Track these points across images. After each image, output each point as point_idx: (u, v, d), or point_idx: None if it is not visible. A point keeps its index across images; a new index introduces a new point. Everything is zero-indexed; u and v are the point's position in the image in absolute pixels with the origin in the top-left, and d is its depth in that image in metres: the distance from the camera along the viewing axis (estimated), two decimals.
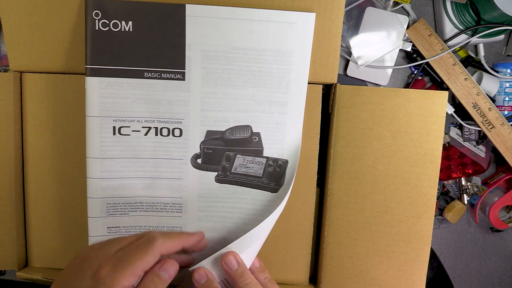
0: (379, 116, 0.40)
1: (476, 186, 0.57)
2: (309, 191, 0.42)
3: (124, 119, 0.39)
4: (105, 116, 0.38)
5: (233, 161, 0.40)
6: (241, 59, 0.38)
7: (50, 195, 0.42)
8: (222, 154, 0.40)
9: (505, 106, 0.54)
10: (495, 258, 0.61)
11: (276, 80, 0.39)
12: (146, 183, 0.40)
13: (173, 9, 0.37)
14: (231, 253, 0.35)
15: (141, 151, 0.39)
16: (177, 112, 0.39)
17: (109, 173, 0.39)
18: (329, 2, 0.39)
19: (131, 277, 0.30)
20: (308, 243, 0.42)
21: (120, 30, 0.37)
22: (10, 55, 0.39)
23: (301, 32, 0.38)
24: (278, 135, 0.40)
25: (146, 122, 0.39)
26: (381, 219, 0.41)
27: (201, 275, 0.35)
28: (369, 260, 0.41)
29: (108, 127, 0.38)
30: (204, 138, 0.40)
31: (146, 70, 0.38)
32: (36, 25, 0.39)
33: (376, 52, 0.52)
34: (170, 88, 0.39)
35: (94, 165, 0.39)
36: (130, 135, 0.39)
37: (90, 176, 0.39)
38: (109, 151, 0.39)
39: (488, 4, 0.47)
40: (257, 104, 0.39)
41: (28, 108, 0.41)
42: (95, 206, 0.39)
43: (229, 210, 0.40)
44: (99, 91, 0.38)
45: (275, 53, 0.38)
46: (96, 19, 0.37)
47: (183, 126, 0.39)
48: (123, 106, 0.38)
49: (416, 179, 0.40)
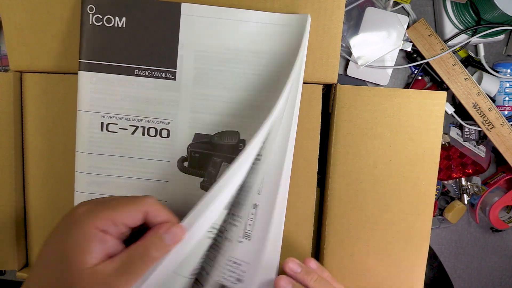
0: (379, 116, 0.40)
1: (476, 186, 0.57)
2: (309, 191, 0.42)
3: (112, 115, 0.38)
4: (94, 111, 0.38)
5: (218, 169, 0.39)
6: (234, 61, 0.38)
7: (50, 195, 0.42)
8: (209, 158, 0.39)
9: (505, 106, 0.54)
10: (495, 258, 0.61)
11: (269, 83, 0.38)
12: (131, 183, 0.39)
13: (168, 7, 0.37)
14: (291, 259, 0.37)
15: (128, 150, 0.38)
16: (166, 113, 0.38)
17: (96, 168, 0.38)
18: (329, 2, 0.39)
19: (106, 221, 0.28)
20: (309, 243, 0.42)
21: (113, 25, 0.37)
22: (10, 55, 0.39)
23: (296, 35, 0.37)
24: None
25: (134, 121, 0.38)
26: (381, 218, 0.41)
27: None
28: (370, 258, 0.41)
29: (96, 122, 0.38)
30: (192, 141, 0.39)
31: (137, 67, 0.37)
32: (36, 25, 0.39)
33: (376, 52, 0.52)
34: (160, 88, 0.38)
35: (82, 159, 0.38)
36: (117, 133, 0.38)
37: (78, 170, 0.39)
38: (96, 146, 0.38)
39: (488, 4, 0.47)
40: (248, 108, 0.38)
41: (28, 108, 0.41)
42: (80, 200, 0.39)
43: None
44: (90, 86, 0.37)
45: (269, 56, 0.37)
46: (91, 14, 0.37)
47: (171, 127, 0.38)
48: (112, 103, 0.38)
49: (415, 177, 0.40)
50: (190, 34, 0.37)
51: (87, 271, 0.27)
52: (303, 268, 0.37)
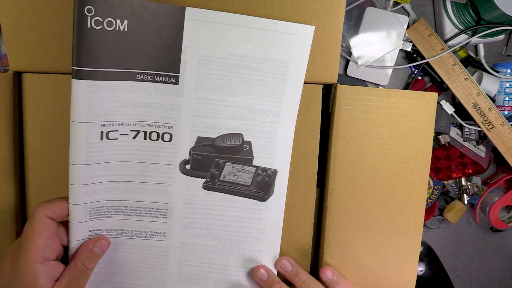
0: (378, 116, 0.41)
1: (476, 186, 0.57)
2: (309, 191, 0.42)
3: (112, 123, 0.37)
4: (92, 122, 0.36)
5: (222, 169, 0.39)
6: (237, 66, 0.38)
7: (50, 195, 0.42)
8: (212, 161, 0.39)
9: (505, 106, 0.54)
10: (495, 258, 0.61)
11: (270, 89, 0.38)
12: (132, 187, 0.39)
13: (172, 10, 0.36)
14: (284, 258, 0.40)
15: (128, 154, 0.38)
16: (168, 117, 0.38)
17: (94, 178, 0.37)
18: (330, 2, 0.39)
19: (36, 257, 0.33)
20: (308, 243, 0.42)
21: (114, 29, 0.34)
22: (9, 55, 0.39)
23: (299, 43, 0.38)
24: (269, 144, 0.39)
25: (135, 126, 0.38)
26: (379, 215, 0.42)
27: (262, 273, 0.39)
28: (368, 255, 0.42)
29: (96, 132, 0.36)
30: (194, 144, 0.39)
31: (139, 72, 0.36)
32: (36, 25, 0.39)
33: (376, 52, 0.52)
34: (163, 92, 0.37)
35: (78, 172, 0.36)
36: (118, 139, 0.37)
37: (74, 183, 0.37)
38: (95, 156, 0.37)
39: (488, 4, 0.47)
40: (250, 112, 0.38)
41: (28, 108, 0.41)
42: (77, 212, 0.37)
43: (215, 218, 0.40)
44: (88, 95, 0.35)
45: (271, 62, 0.38)
46: (89, 16, 0.33)
47: (173, 131, 0.38)
48: (112, 110, 0.36)
49: (410, 174, 0.42)
50: (194, 39, 0.37)
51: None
52: (295, 268, 0.40)
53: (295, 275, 0.39)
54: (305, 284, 0.39)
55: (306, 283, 0.39)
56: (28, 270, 0.32)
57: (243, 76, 0.38)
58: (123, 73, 0.36)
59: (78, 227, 0.37)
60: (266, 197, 0.39)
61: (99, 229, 0.38)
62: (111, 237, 0.39)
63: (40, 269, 0.33)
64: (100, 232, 0.39)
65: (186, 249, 0.40)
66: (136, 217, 0.39)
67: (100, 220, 0.38)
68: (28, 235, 0.33)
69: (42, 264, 0.33)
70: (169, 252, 0.40)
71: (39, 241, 0.33)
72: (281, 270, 0.40)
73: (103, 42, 0.34)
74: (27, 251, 0.33)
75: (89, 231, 0.38)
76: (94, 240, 0.37)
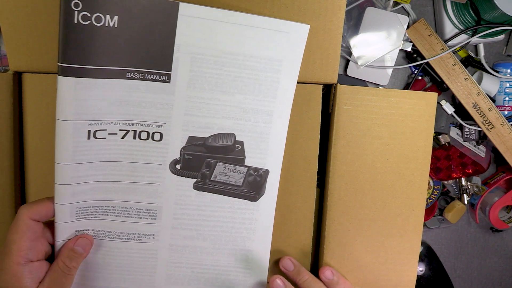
0: (378, 116, 0.41)
1: (476, 186, 0.57)
2: (309, 191, 0.42)
3: (100, 122, 0.35)
4: (80, 120, 0.35)
5: (213, 169, 0.39)
6: (230, 64, 0.37)
7: (50, 195, 0.42)
8: (203, 161, 0.38)
9: (505, 106, 0.54)
10: (495, 258, 0.61)
11: (264, 88, 0.38)
12: (120, 187, 0.38)
13: (165, 6, 0.35)
14: (287, 257, 0.41)
15: (117, 154, 0.37)
16: (159, 116, 0.37)
17: (80, 178, 0.36)
18: (330, 2, 0.39)
19: (19, 258, 0.33)
20: (308, 243, 0.42)
21: (103, 25, 0.33)
22: (9, 56, 0.39)
23: (293, 42, 0.37)
24: (261, 144, 0.39)
25: (124, 125, 0.37)
26: (379, 215, 0.42)
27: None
28: (368, 255, 0.42)
29: (83, 131, 0.35)
30: (186, 144, 0.38)
31: (129, 70, 0.35)
32: (36, 25, 0.39)
33: (376, 52, 0.52)
34: (153, 90, 0.36)
35: (64, 171, 0.36)
36: (106, 138, 0.36)
37: (60, 183, 0.36)
38: (82, 155, 0.35)
39: (488, 4, 0.47)
40: (243, 111, 0.38)
41: (28, 108, 0.41)
42: (63, 212, 0.36)
43: (205, 219, 0.39)
44: (75, 93, 0.34)
45: (265, 61, 0.37)
46: (76, 11, 0.32)
47: (164, 130, 0.37)
48: (100, 109, 0.35)
49: (410, 174, 0.42)
50: (187, 36, 0.36)
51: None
52: (296, 267, 0.40)
53: (297, 274, 0.40)
54: (307, 283, 0.39)
55: (308, 283, 0.39)
56: (12, 271, 0.33)
57: (237, 75, 0.37)
58: (112, 71, 0.35)
59: (64, 227, 0.37)
60: (257, 197, 0.39)
61: (86, 229, 0.38)
62: (98, 239, 0.38)
63: (23, 271, 0.33)
64: (87, 232, 0.38)
65: (175, 251, 0.39)
66: (124, 218, 0.38)
67: (87, 220, 0.37)
68: (11, 237, 0.33)
69: (25, 265, 0.33)
70: (158, 254, 0.39)
71: (22, 243, 0.33)
72: (283, 269, 0.40)
73: (91, 38, 0.33)
74: (10, 252, 0.33)
75: (76, 231, 0.37)
76: (75, 238, 0.36)
